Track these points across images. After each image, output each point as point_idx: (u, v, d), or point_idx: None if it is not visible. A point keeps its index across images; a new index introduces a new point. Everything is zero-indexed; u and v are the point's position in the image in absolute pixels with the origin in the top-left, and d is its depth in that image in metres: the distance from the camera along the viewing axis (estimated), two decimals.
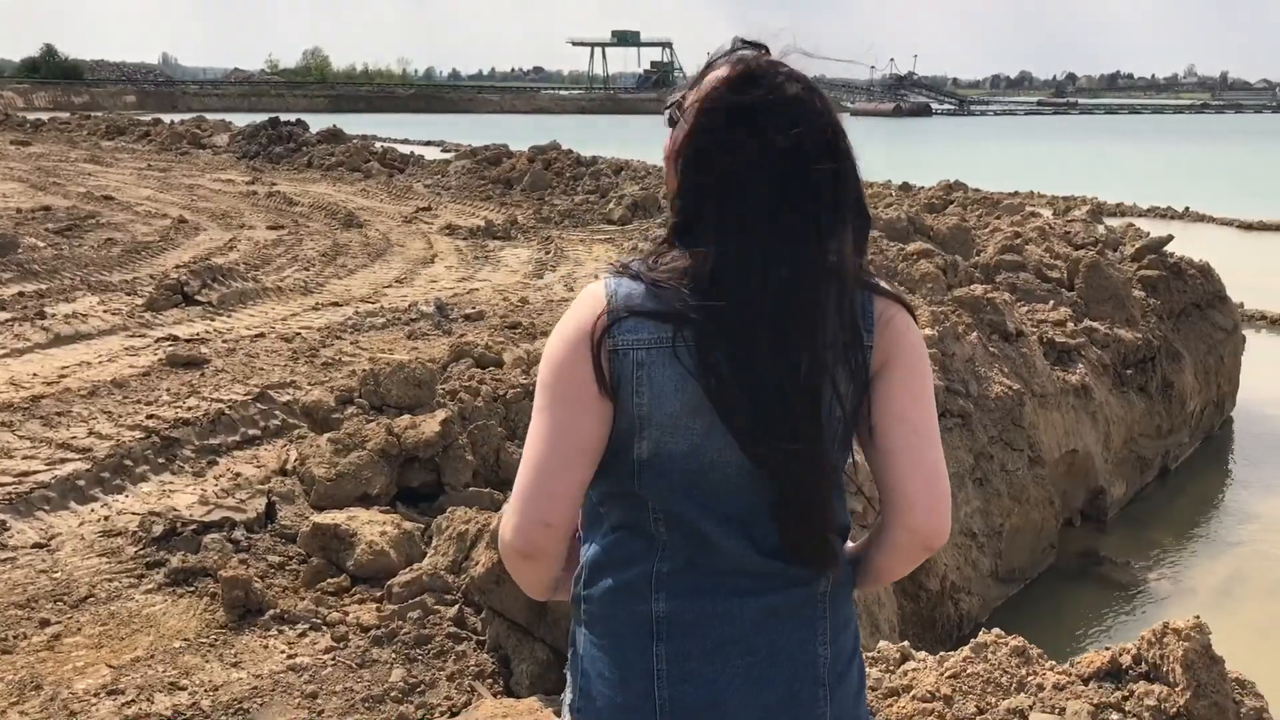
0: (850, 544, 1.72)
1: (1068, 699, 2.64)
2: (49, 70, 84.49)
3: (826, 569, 1.59)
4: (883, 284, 1.63)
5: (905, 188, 18.49)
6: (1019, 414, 6.96)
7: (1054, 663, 2.86)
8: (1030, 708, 2.67)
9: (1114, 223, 13.57)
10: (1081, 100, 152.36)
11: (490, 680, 3.67)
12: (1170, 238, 10.54)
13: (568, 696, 1.69)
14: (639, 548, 1.59)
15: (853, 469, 1.68)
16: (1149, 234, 11.02)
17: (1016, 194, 21.19)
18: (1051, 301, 8.82)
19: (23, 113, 46.73)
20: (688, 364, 1.51)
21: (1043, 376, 7.47)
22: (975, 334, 7.16)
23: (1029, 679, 2.77)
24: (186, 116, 38.93)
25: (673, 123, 1.60)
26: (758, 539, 1.57)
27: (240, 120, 33.60)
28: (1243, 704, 2.52)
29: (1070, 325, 8.37)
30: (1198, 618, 2.56)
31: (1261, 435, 9.83)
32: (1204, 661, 2.52)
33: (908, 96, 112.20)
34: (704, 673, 1.57)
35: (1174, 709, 2.50)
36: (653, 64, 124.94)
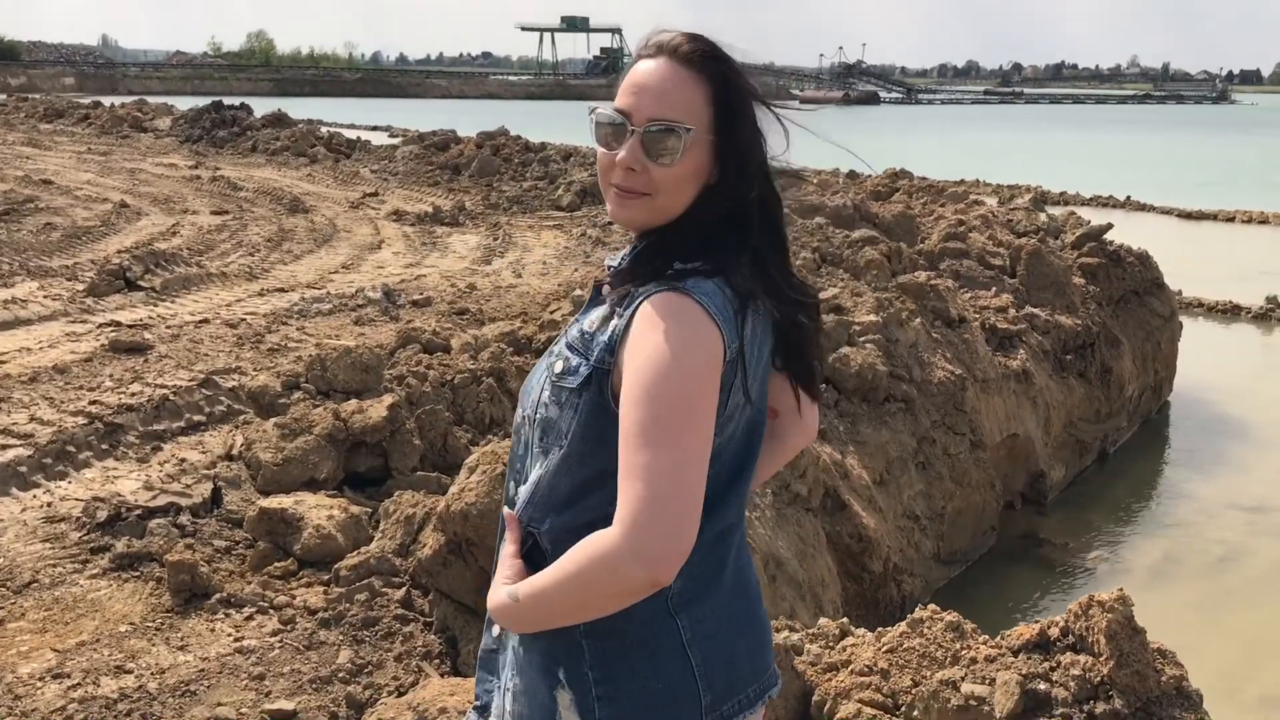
0: None
1: (998, 670, 2.73)
2: None
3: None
4: None
5: (852, 175, 18.61)
6: (961, 399, 7.09)
7: (986, 636, 2.95)
8: (962, 679, 2.76)
9: (1056, 211, 13.78)
10: (1027, 90, 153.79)
11: (438, 660, 3.71)
12: (1110, 226, 10.75)
13: (571, 716, 1.62)
14: None
15: None
16: (1090, 222, 11.21)
17: (962, 182, 21.46)
18: (994, 288, 8.97)
19: None
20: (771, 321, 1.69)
21: (984, 362, 7.60)
22: (919, 320, 7.28)
23: (962, 652, 2.86)
24: (127, 99, 38.21)
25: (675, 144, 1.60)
26: (749, 482, 1.71)
27: (183, 104, 33.10)
28: (1163, 673, 2.62)
29: (1012, 312, 8.52)
30: (1120, 590, 2.66)
31: (1197, 420, 10.06)
32: (1126, 632, 2.61)
33: (856, 85, 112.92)
34: (711, 628, 1.64)
35: (1098, 678, 2.60)
36: (602, 50, 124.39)
